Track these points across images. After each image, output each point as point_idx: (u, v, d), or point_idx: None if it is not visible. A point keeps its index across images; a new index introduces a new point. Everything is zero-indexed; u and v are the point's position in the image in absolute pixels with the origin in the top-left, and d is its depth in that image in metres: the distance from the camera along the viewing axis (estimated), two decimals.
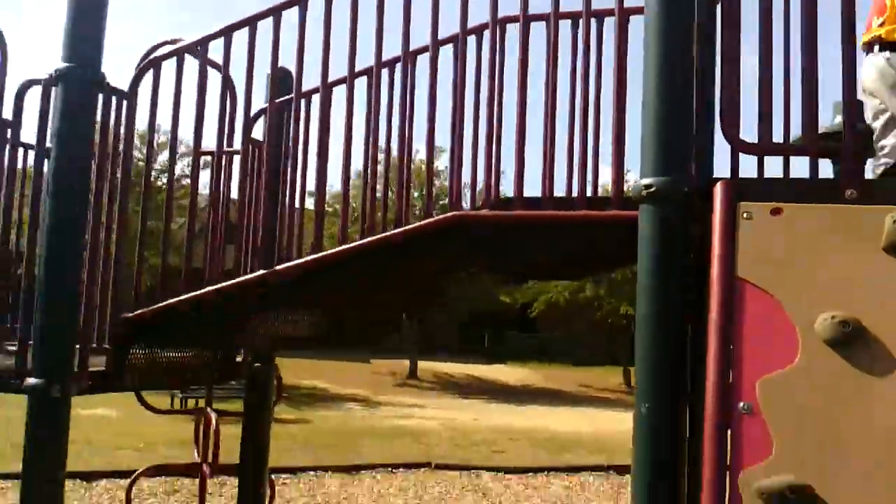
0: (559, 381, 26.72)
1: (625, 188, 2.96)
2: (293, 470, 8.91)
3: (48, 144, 3.42)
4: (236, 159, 4.00)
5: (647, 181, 2.46)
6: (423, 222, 3.25)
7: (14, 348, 3.50)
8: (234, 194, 4.05)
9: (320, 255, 3.41)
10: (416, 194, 15.74)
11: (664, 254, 2.43)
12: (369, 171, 3.41)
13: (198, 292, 3.60)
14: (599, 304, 28.21)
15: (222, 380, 4.48)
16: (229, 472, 7.39)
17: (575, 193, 3.20)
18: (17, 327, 3.64)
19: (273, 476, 5.51)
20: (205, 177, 4.20)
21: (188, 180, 4.71)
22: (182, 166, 17.19)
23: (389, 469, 9.33)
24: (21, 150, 3.84)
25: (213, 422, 4.98)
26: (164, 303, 3.65)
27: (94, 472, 8.18)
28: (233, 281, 3.60)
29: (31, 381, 3.29)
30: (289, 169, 3.64)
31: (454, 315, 33.03)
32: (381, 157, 3.53)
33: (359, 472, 9.20)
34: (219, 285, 3.60)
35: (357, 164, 3.53)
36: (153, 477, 7.99)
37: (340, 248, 3.39)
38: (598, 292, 27.87)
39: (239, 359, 4.60)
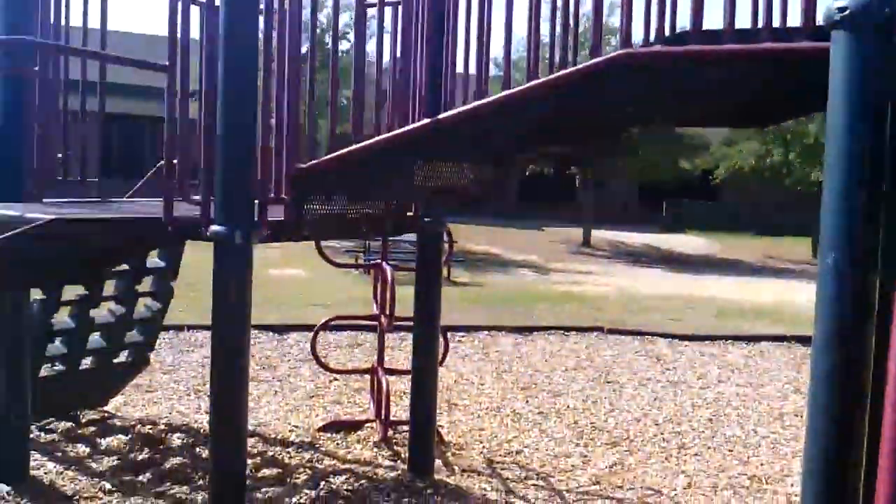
0: (741, 252, 25.75)
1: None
2: (467, 328, 9.17)
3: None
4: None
5: (840, 2, 2.12)
6: (590, 62, 3.08)
7: (199, 198, 3.70)
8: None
9: (486, 100, 3.33)
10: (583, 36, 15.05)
11: (860, 94, 2.09)
12: (533, 10, 3.25)
13: (368, 142, 3.64)
14: (788, 171, 26.56)
15: (395, 232, 4.59)
16: (405, 328, 7.75)
17: (760, 24, 2.90)
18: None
19: (448, 333, 5.67)
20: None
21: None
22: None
23: (562, 332, 9.42)
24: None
25: (389, 276, 5.15)
26: (336, 153, 3.72)
27: (285, 326, 8.76)
28: (403, 129, 3.60)
29: (215, 228, 3.49)
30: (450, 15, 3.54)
31: (631, 183, 32.26)
32: None
33: (531, 333, 9.34)
34: (389, 133, 3.62)
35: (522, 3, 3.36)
36: (334, 330, 8.47)
37: (505, 92, 3.28)
38: (787, 157, 26.20)
39: (411, 213, 4.68)
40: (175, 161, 3.80)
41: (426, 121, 3.54)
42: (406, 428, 5.17)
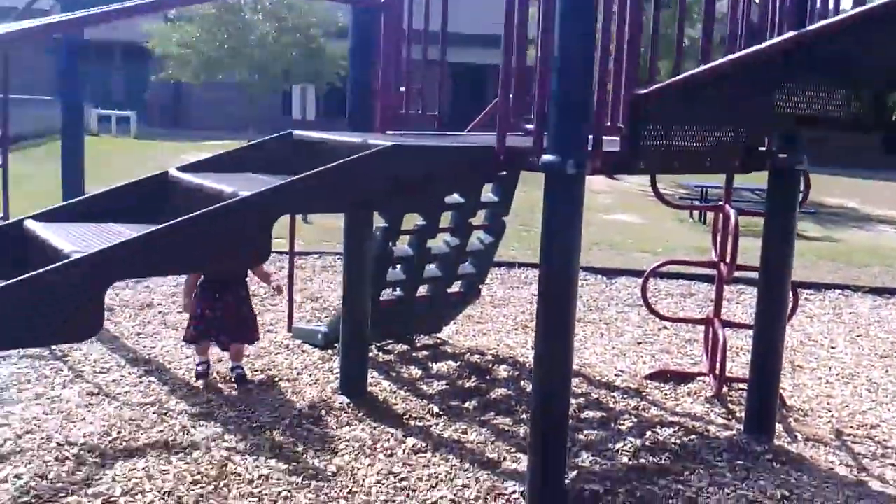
0: None
1: None
2: (818, 286, 8.28)
3: None
4: None
5: None
6: None
7: (531, 127, 3.56)
8: None
9: (870, 5, 2.77)
10: None
11: None
12: None
13: (714, 63, 3.25)
14: None
15: (743, 170, 4.11)
16: (747, 280, 7.14)
17: None
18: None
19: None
20: None
21: None
22: None
23: None
24: None
25: (732, 218, 4.69)
26: (679, 76, 3.37)
27: (613, 270, 8.54)
28: (756, 47, 3.15)
29: (546, 157, 3.33)
30: None
31: None
32: None
33: (893, 295, 8.21)
34: (738, 54, 3.19)
35: None
36: (665, 277, 8.07)
37: None
38: None
39: (762, 148, 4.17)
40: (510, 91, 3.69)
41: (790, 34, 3.05)
42: (742, 386, 4.72)
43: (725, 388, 4.89)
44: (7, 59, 6.10)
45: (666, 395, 4.87)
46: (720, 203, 5.12)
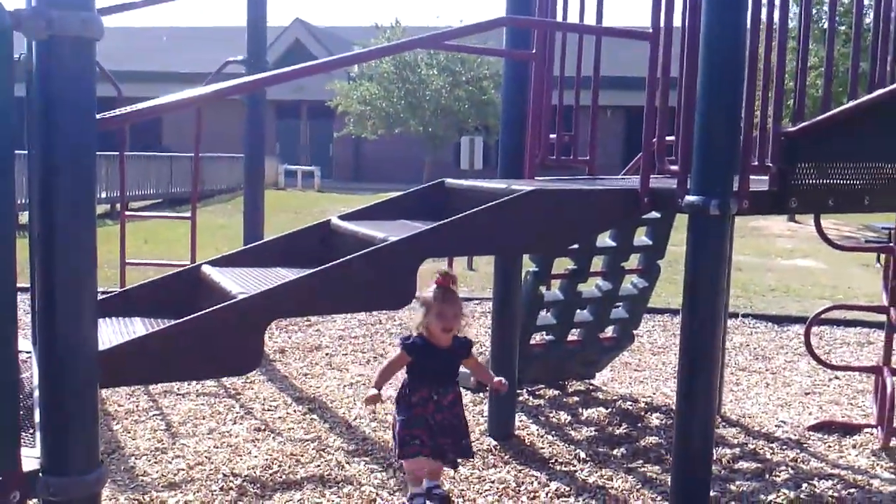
0: None
1: None
2: None
3: None
4: None
5: None
6: None
7: (676, 168, 3.55)
8: None
9: None
10: None
11: None
12: None
13: (875, 94, 3.13)
14: None
15: None
16: None
17: None
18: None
19: None
20: None
21: None
22: None
23: None
24: None
25: None
26: (828, 113, 3.28)
27: (785, 317, 8.16)
28: None
29: (689, 198, 3.31)
30: None
31: None
32: None
33: None
34: None
35: None
36: (842, 325, 7.64)
37: None
38: None
39: None
40: (654, 133, 3.70)
41: None
42: None
43: (894, 441, 4.55)
44: (200, 118, 6.72)
45: (829, 447, 4.59)
46: (889, 243, 4.83)
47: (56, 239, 2.31)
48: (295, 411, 5.10)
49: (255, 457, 4.32)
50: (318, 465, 4.22)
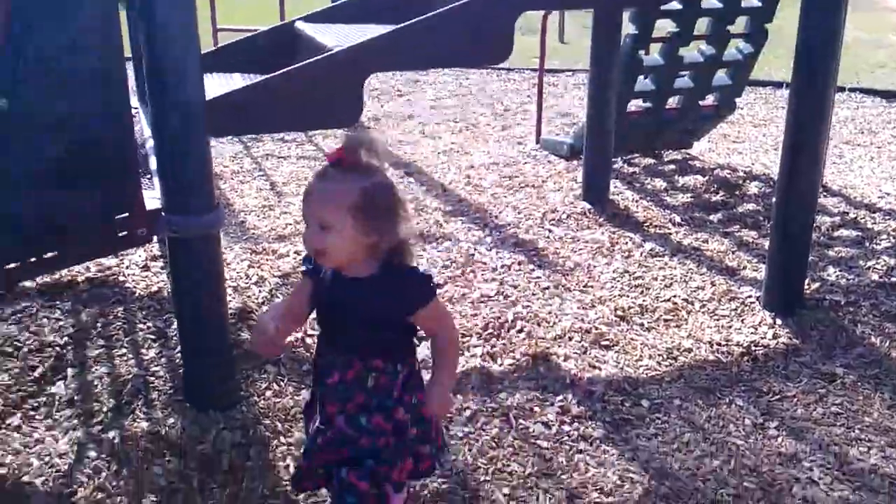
0: None
1: None
2: None
3: None
4: None
5: None
6: None
7: None
8: None
9: None
10: None
11: None
12: None
13: None
14: None
15: None
16: None
17: None
18: None
19: None
20: None
21: None
22: None
23: None
24: None
25: None
26: None
27: (895, 93, 7.74)
28: None
29: None
30: None
31: None
32: None
33: None
34: None
35: None
36: None
37: None
38: None
39: None
40: None
41: None
42: None
43: None
44: None
45: None
46: None
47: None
48: (392, 175, 5.19)
49: None
50: (418, 223, 4.37)
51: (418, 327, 1.87)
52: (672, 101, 5.35)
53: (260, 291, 3.53)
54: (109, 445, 2.47)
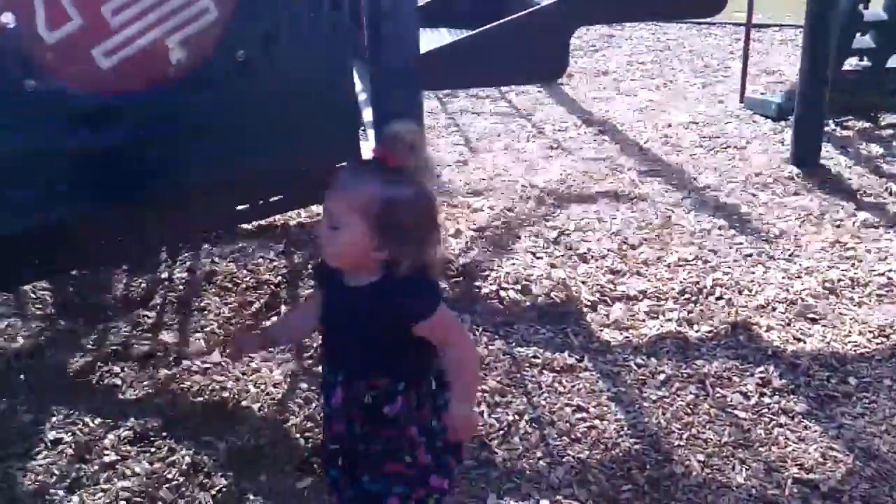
0: None
1: None
2: None
3: None
4: None
5: None
6: None
7: None
8: None
9: None
10: None
11: None
12: None
13: None
14: None
15: None
16: None
17: None
18: None
19: None
20: None
21: None
22: None
23: None
24: None
25: None
26: None
27: None
28: None
29: None
30: None
31: None
32: None
33: None
34: None
35: None
36: None
37: None
38: None
39: None
40: None
41: None
42: None
43: None
44: None
45: None
46: None
47: None
48: (585, 132, 5.16)
49: (550, 172, 4.48)
50: (612, 183, 4.31)
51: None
52: (893, 60, 4.95)
53: (457, 244, 3.62)
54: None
